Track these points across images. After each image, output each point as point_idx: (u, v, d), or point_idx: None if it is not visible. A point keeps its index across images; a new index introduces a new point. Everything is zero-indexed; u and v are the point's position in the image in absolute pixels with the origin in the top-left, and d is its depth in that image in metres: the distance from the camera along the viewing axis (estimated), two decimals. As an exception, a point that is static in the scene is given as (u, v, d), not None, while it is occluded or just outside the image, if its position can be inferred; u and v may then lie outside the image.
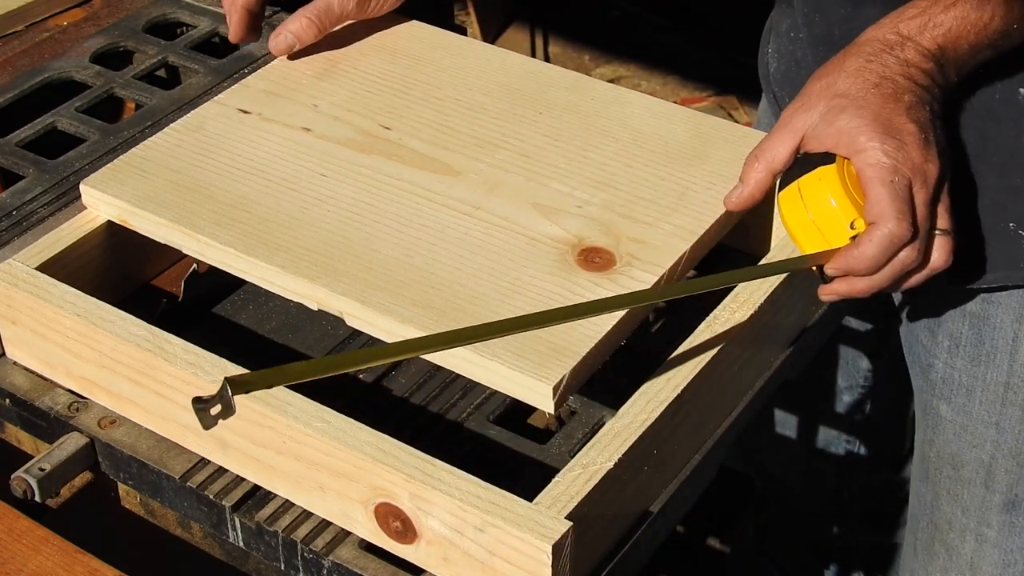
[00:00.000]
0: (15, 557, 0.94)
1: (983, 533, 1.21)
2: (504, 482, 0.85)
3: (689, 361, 0.92)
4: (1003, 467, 1.18)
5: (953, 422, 1.19)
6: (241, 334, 1.06)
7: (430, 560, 0.87)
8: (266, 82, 1.12)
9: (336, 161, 1.04)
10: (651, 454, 0.89)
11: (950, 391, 1.18)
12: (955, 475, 1.21)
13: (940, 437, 1.21)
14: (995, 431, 1.17)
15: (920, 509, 1.29)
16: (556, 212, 0.99)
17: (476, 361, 0.88)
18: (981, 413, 1.17)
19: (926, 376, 1.21)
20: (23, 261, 1.00)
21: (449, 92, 1.11)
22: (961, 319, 1.15)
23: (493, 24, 3.10)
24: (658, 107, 1.10)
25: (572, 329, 0.90)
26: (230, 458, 0.93)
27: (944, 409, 1.19)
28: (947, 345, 1.17)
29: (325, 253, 0.96)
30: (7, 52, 1.33)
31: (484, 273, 0.94)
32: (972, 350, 1.15)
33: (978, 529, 1.22)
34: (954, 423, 1.19)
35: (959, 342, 1.16)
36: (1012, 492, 1.18)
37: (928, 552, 1.29)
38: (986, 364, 1.15)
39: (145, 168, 1.04)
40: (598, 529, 0.87)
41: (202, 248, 0.98)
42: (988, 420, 1.17)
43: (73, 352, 0.97)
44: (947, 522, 1.24)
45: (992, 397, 1.16)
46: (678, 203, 1.00)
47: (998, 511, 1.20)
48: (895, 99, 0.91)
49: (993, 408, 1.16)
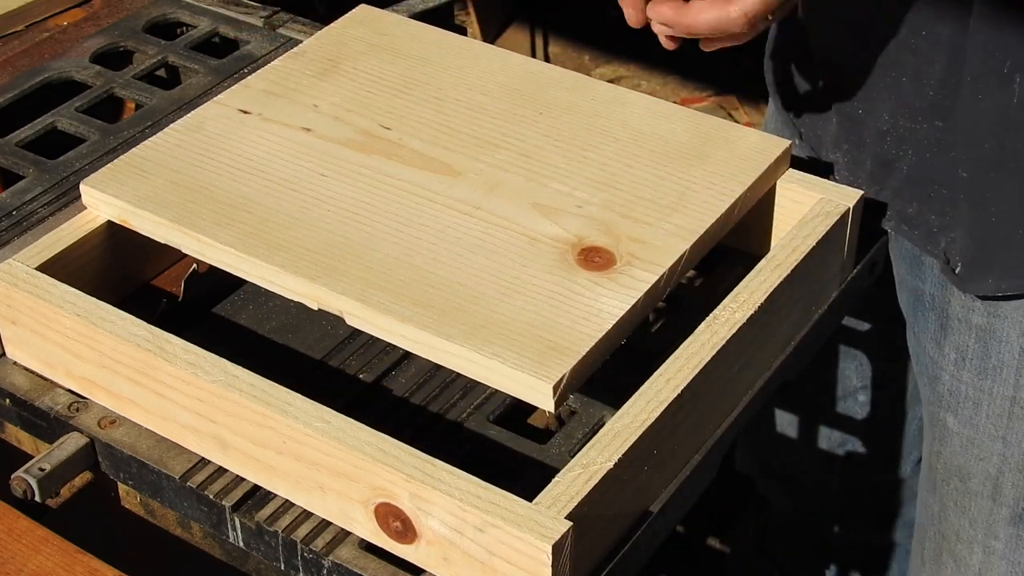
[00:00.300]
0: (15, 557, 0.94)
1: (991, 545, 1.21)
2: (504, 482, 0.85)
3: (689, 361, 0.92)
4: (1010, 481, 1.17)
5: (960, 434, 1.19)
6: (241, 334, 1.06)
7: (430, 560, 0.87)
8: (266, 82, 1.12)
9: (336, 161, 1.04)
10: (651, 454, 0.89)
11: (957, 403, 1.18)
12: (962, 487, 1.21)
13: (947, 449, 1.21)
14: (1002, 445, 1.16)
15: (928, 519, 1.29)
16: (556, 212, 0.99)
17: (477, 360, 0.88)
18: (988, 427, 1.17)
19: (933, 388, 1.21)
20: (23, 261, 1.00)
21: (449, 92, 1.11)
22: (967, 332, 1.14)
23: (493, 24, 3.10)
24: (658, 107, 1.10)
25: (572, 328, 0.90)
26: (230, 458, 0.93)
27: (951, 421, 1.19)
28: (953, 358, 1.17)
29: (325, 253, 0.96)
30: (7, 52, 1.33)
31: (484, 273, 0.94)
32: (979, 363, 1.15)
33: (985, 541, 1.21)
34: (961, 435, 1.19)
35: (965, 355, 1.15)
36: (1019, 506, 1.18)
37: (936, 562, 1.28)
38: (992, 378, 1.15)
39: (145, 168, 1.04)
40: (598, 529, 0.87)
41: (202, 248, 0.98)
42: (995, 434, 1.16)
43: (73, 352, 0.97)
44: (955, 533, 1.24)
45: (999, 411, 1.16)
46: (678, 203, 1.00)
47: (1005, 524, 1.20)
48: None
49: (1000, 422, 1.16)
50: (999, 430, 1.16)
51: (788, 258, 1.00)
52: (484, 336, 0.89)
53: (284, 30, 1.35)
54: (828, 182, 1.07)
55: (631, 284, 0.93)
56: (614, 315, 0.91)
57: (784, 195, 1.07)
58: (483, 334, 0.89)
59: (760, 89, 1.32)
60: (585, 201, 1.00)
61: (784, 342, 1.04)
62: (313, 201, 1.00)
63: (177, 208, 1.00)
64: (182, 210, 1.00)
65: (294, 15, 1.39)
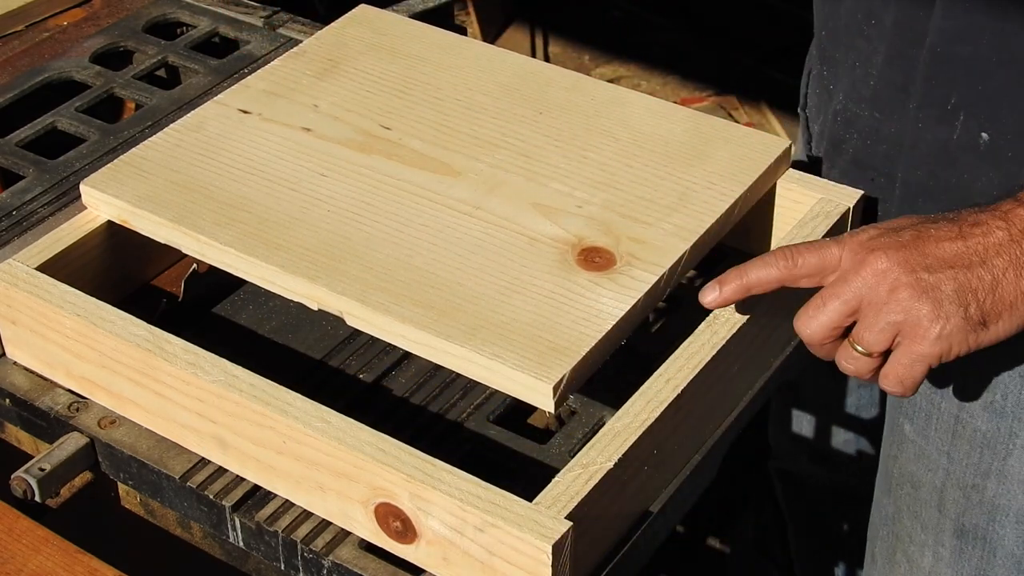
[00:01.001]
0: (15, 557, 0.94)
1: (939, 552, 1.21)
2: (504, 482, 0.85)
3: (689, 361, 0.92)
4: (952, 496, 1.17)
5: (914, 443, 1.19)
6: (241, 334, 1.06)
7: (430, 560, 0.87)
8: (266, 82, 1.12)
9: (336, 161, 1.04)
10: (651, 454, 0.89)
11: (913, 412, 1.18)
12: (914, 494, 1.21)
13: (903, 455, 1.21)
14: (947, 460, 1.16)
15: (881, 519, 1.29)
16: (556, 212, 0.99)
17: (477, 360, 0.88)
18: (936, 440, 1.16)
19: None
20: (23, 261, 1.00)
21: (449, 92, 1.11)
22: None
23: (493, 24, 3.10)
24: (658, 107, 1.10)
25: (572, 328, 0.90)
26: (230, 458, 0.93)
27: (907, 428, 1.19)
28: None
29: (325, 253, 0.96)
30: (7, 52, 1.33)
31: (484, 273, 0.94)
32: (932, 375, 1.14)
33: (935, 548, 1.21)
34: (915, 444, 1.19)
35: None
36: (960, 521, 1.18)
37: (889, 561, 1.28)
38: (941, 393, 1.14)
39: (145, 168, 1.04)
40: (598, 529, 0.87)
41: (202, 248, 0.98)
42: (941, 448, 1.16)
43: (73, 352, 0.97)
44: (908, 535, 1.24)
45: (945, 426, 1.15)
46: (678, 203, 1.00)
47: (950, 535, 1.19)
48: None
49: (945, 437, 1.15)
50: (945, 445, 1.16)
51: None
52: (484, 336, 0.89)
53: (284, 30, 1.35)
54: (828, 182, 1.07)
55: (631, 284, 0.93)
56: (614, 315, 0.91)
57: (784, 195, 1.07)
58: (483, 334, 0.89)
59: (760, 89, 1.32)
60: (585, 201, 1.00)
61: (784, 342, 1.04)
62: (313, 201, 1.00)
63: (177, 208, 1.00)
64: (182, 210, 1.00)
65: (294, 15, 1.39)
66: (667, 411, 0.89)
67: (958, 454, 1.15)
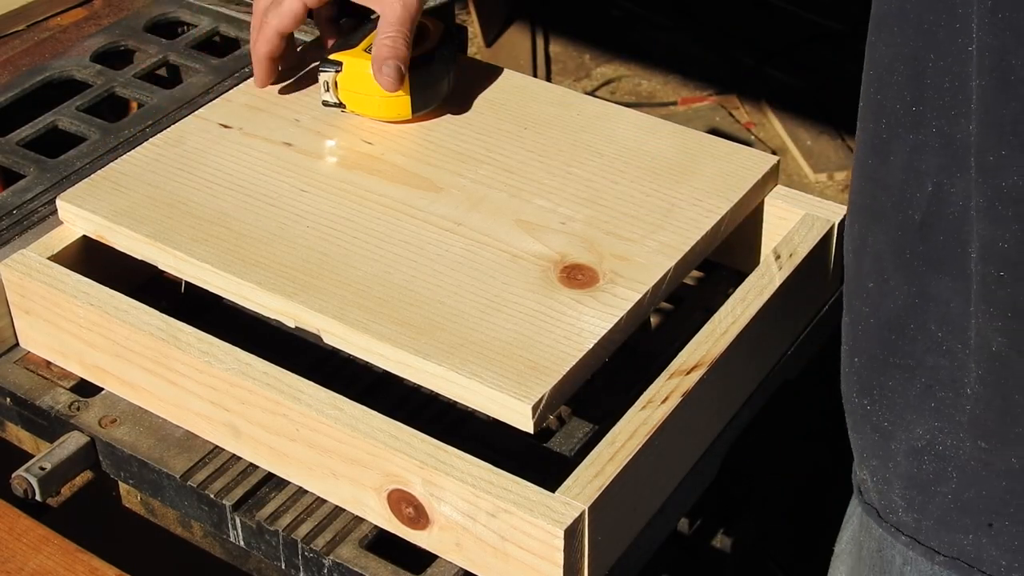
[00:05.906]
0: (15, 556, 0.93)
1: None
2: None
3: (689, 361, 0.92)
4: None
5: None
6: (254, 322, 1.04)
7: (443, 546, 0.87)
8: (248, 96, 1.11)
9: (317, 176, 1.03)
10: (652, 454, 0.89)
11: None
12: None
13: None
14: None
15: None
16: (539, 228, 0.98)
17: (455, 380, 0.87)
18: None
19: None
20: (36, 252, 1.00)
21: (432, 105, 1.10)
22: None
23: (493, 24, 3.09)
24: (645, 122, 1.09)
25: (553, 347, 0.89)
26: (243, 445, 0.94)
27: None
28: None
29: (303, 270, 0.95)
30: (8, 51, 1.33)
31: (465, 290, 0.93)
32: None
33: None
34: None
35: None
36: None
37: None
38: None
39: (123, 183, 1.03)
40: (609, 527, 0.86)
41: (179, 264, 0.97)
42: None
43: (86, 341, 0.97)
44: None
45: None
46: (663, 220, 0.99)
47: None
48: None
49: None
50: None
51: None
52: (463, 355, 0.88)
53: (284, 29, 1.35)
54: (813, 198, 1.05)
55: (613, 303, 0.92)
56: (595, 334, 0.90)
57: (770, 211, 1.05)
58: (462, 353, 0.88)
59: (760, 89, 1.31)
60: (569, 218, 0.99)
61: (784, 342, 1.03)
62: (292, 217, 0.99)
63: (154, 224, 0.99)
64: (159, 226, 0.99)
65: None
66: (670, 412, 0.89)
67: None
